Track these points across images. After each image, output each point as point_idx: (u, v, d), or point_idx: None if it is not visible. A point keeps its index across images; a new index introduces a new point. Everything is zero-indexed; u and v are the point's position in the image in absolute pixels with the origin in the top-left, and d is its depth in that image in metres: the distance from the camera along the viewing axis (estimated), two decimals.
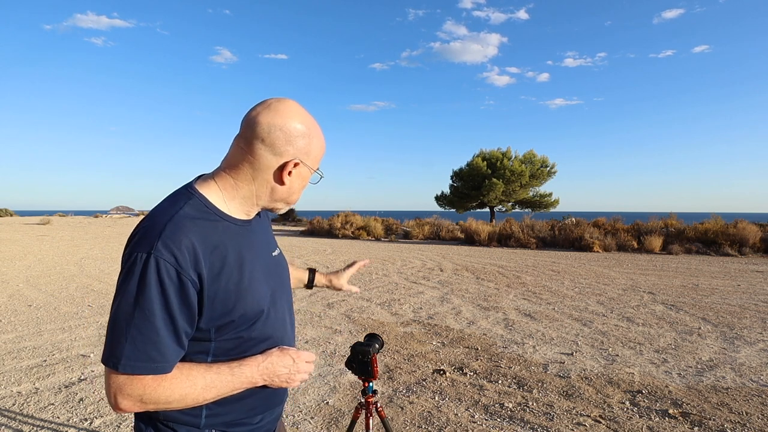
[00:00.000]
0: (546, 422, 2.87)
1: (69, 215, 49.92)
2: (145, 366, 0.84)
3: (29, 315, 5.58)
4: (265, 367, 0.97)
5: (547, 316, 5.71)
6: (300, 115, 0.98)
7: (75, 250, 13.56)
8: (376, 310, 5.98)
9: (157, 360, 0.84)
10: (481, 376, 3.67)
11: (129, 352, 0.83)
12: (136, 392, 0.85)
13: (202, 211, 0.93)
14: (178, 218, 0.89)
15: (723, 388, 3.42)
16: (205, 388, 0.90)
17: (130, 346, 0.83)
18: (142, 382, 0.85)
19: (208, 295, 0.89)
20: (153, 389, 0.85)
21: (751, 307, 6.10)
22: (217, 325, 0.92)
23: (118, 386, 0.84)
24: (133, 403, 0.85)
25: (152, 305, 0.83)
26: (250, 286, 0.96)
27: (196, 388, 0.89)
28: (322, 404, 3.13)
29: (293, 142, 0.96)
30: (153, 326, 0.83)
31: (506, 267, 10.55)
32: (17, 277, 8.52)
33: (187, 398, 0.89)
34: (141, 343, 0.83)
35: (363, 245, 16.76)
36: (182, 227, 0.87)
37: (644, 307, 6.18)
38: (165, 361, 0.85)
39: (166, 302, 0.84)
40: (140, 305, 0.82)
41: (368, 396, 1.62)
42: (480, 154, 28.49)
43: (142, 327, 0.83)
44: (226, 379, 0.92)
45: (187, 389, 0.88)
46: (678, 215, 16.33)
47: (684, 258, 12.28)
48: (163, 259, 0.83)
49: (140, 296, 0.82)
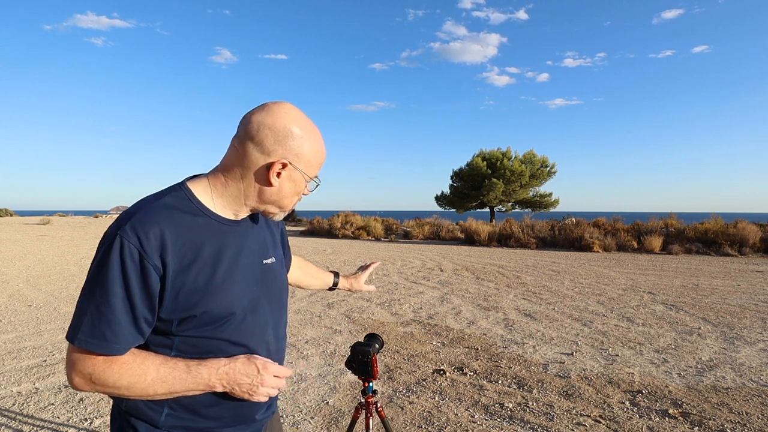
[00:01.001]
0: (546, 422, 2.88)
1: (69, 215, 49.92)
2: (97, 344, 0.84)
3: (29, 315, 5.58)
4: (225, 372, 0.92)
5: (547, 316, 5.71)
6: (295, 118, 0.97)
7: (75, 250, 13.56)
8: (376, 310, 5.98)
9: (110, 339, 0.85)
10: (481, 376, 3.67)
11: (86, 328, 0.84)
12: (87, 370, 0.86)
13: (185, 204, 0.93)
14: (155, 206, 0.90)
15: (723, 388, 3.42)
16: (156, 381, 0.88)
17: (87, 322, 0.84)
18: (93, 360, 0.86)
19: (173, 285, 0.88)
20: (102, 370, 0.86)
21: (751, 307, 6.10)
22: (179, 318, 0.91)
23: (72, 361, 0.87)
24: (83, 381, 0.87)
25: (112, 284, 0.84)
26: (222, 286, 0.94)
27: (146, 379, 0.88)
28: (322, 404, 3.13)
29: (282, 142, 0.95)
30: (109, 305, 0.84)
31: (506, 267, 10.55)
32: (17, 277, 8.52)
33: (135, 386, 0.87)
34: (97, 320, 0.84)
35: (363, 245, 16.76)
36: (155, 215, 0.88)
37: (644, 307, 6.18)
38: (117, 343, 0.85)
39: (125, 283, 0.84)
40: (101, 282, 0.84)
41: (368, 396, 1.62)
42: (480, 154, 28.49)
43: (100, 305, 0.84)
44: (181, 376, 0.90)
45: (137, 377, 0.87)
46: (678, 215, 16.33)
47: (684, 258, 12.28)
48: (128, 241, 0.84)
49: (101, 274, 0.84)
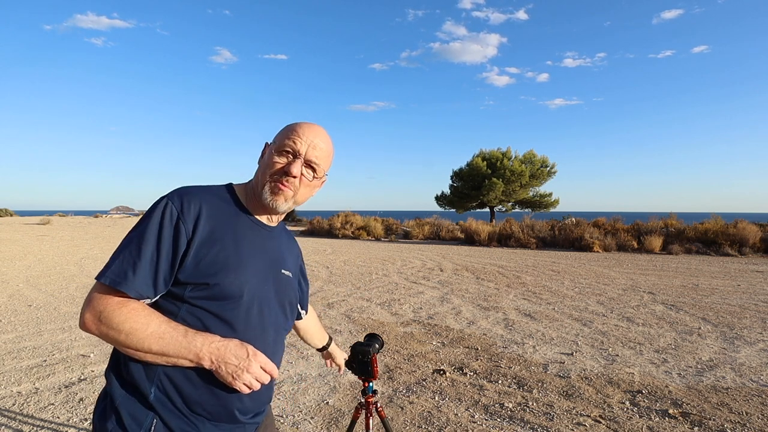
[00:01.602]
0: (546, 422, 2.88)
1: (69, 215, 49.92)
2: (116, 281, 0.93)
3: (29, 315, 5.58)
4: (217, 348, 0.96)
5: (547, 316, 5.71)
6: (300, 123, 1.14)
7: (75, 250, 13.56)
8: (376, 310, 5.98)
9: (129, 279, 0.94)
10: (481, 376, 3.67)
11: (114, 268, 0.95)
12: (99, 307, 0.93)
13: (225, 196, 1.10)
14: (202, 188, 1.07)
15: (723, 388, 3.42)
16: (154, 335, 0.93)
17: (117, 263, 0.95)
18: (108, 300, 0.94)
19: (196, 253, 0.98)
20: (112, 309, 0.92)
21: (751, 307, 6.10)
22: (194, 283, 0.98)
23: (90, 299, 0.95)
24: (93, 318, 0.93)
25: (148, 234, 0.97)
26: (239, 267, 1.02)
27: (146, 329, 0.93)
28: (322, 404, 3.13)
29: (277, 136, 1.14)
30: (140, 251, 0.95)
31: (506, 267, 10.55)
32: (17, 277, 8.52)
33: (134, 334, 0.92)
34: (126, 261, 0.95)
35: (363, 245, 16.76)
36: (199, 194, 1.04)
37: (644, 307, 6.18)
38: (134, 283, 0.94)
39: (159, 236, 0.97)
40: (139, 232, 0.97)
41: (368, 396, 1.62)
42: (480, 154, 28.49)
43: (132, 248, 0.96)
44: (177, 338, 0.94)
45: (139, 325, 0.93)
46: (678, 215, 16.33)
47: (684, 258, 12.27)
48: (172, 203, 1.00)
49: (142, 225, 0.98)
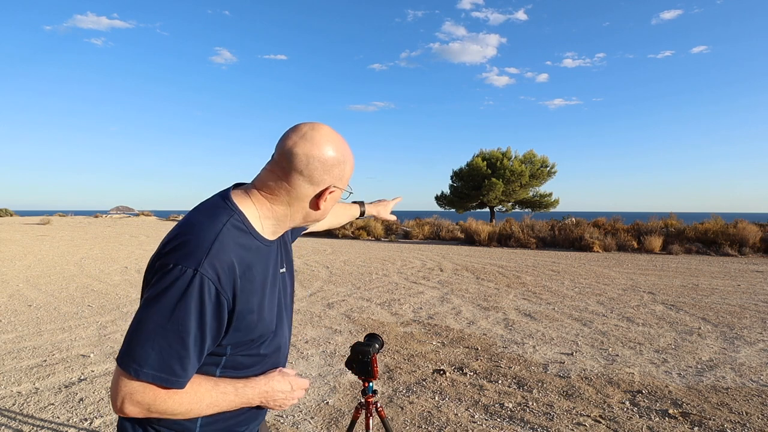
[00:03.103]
0: (546, 422, 2.88)
1: (69, 215, 49.90)
2: (165, 378, 0.84)
3: (29, 315, 5.58)
4: (265, 391, 1.00)
5: (547, 316, 5.71)
6: (334, 142, 0.99)
7: (75, 250, 13.56)
8: (376, 310, 5.98)
9: (179, 375, 0.85)
10: (481, 376, 3.67)
11: (153, 362, 0.82)
12: (147, 400, 0.84)
13: (242, 229, 0.94)
14: (223, 236, 0.89)
15: (723, 388, 3.42)
16: (210, 406, 0.93)
17: (156, 356, 0.82)
18: (156, 392, 0.85)
19: (237, 315, 0.90)
20: (163, 400, 0.86)
21: (751, 307, 6.10)
22: (235, 343, 0.95)
23: (130, 392, 0.84)
24: (140, 410, 0.86)
25: (188, 322, 0.83)
26: (268, 308, 1.00)
27: (201, 405, 0.91)
28: (322, 404, 3.13)
29: (330, 171, 0.98)
30: (183, 342, 0.83)
31: (506, 267, 10.55)
32: (17, 277, 8.52)
33: (191, 412, 0.91)
34: (168, 355, 0.83)
35: (363, 245, 16.76)
36: (227, 246, 0.88)
37: (644, 307, 6.18)
38: (185, 377, 0.86)
39: (201, 320, 0.84)
40: (176, 319, 0.83)
41: (368, 396, 1.62)
42: (480, 154, 28.49)
43: (172, 340, 0.83)
44: (230, 399, 0.95)
45: (193, 405, 0.90)
46: (678, 215, 16.32)
47: (684, 258, 12.28)
48: (208, 278, 0.84)
49: (178, 310, 0.83)
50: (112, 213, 58.12)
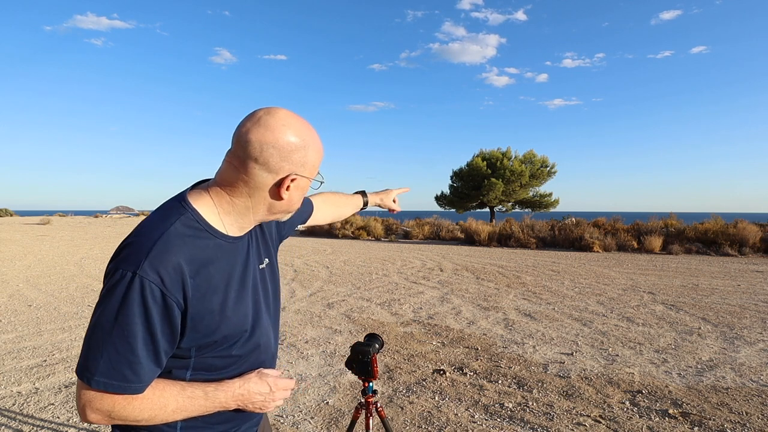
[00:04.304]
0: (546, 422, 2.87)
1: (69, 215, 49.90)
2: (117, 385, 0.82)
3: (29, 315, 5.58)
4: (240, 394, 0.96)
5: (547, 316, 5.71)
6: (292, 126, 0.92)
7: (75, 250, 13.56)
8: (376, 310, 5.98)
9: (130, 380, 0.83)
10: (481, 376, 3.67)
11: (103, 369, 0.81)
12: (105, 408, 0.83)
13: (194, 227, 0.89)
14: (168, 236, 0.85)
15: (723, 388, 3.42)
16: (176, 411, 0.89)
17: (105, 363, 0.81)
18: (113, 399, 0.83)
19: (192, 316, 0.87)
20: (122, 407, 0.84)
21: (751, 307, 6.10)
22: (198, 345, 0.91)
23: (88, 400, 0.83)
24: (101, 417, 0.85)
25: (133, 326, 0.80)
26: (235, 307, 0.94)
27: (166, 410, 0.88)
28: (322, 404, 3.13)
29: (288, 157, 0.91)
30: (131, 347, 0.81)
31: (506, 267, 10.55)
32: (17, 277, 8.52)
33: (155, 418, 0.88)
34: (116, 362, 0.81)
35: (363, 245, 16.75)
36: (171, 246, 0.84)
37: (644, 307, 6.18)
38: (139, 382, 0.84)
39: (148, 324, 0.81)
40: (120, 324, 0.80)
41: (368, 396, 1.62)
42: (480, 154, 28.49)
43: (119, 346, 0.81)
44: (199, 403, 0.91)
45: (157, 410, 0.87)
46: (678, 215, 16.31)
47: (684, 258, 12.27)
48: (149, 280, 0.80)
49: (121, 315, 0.80)
50: (112, 213, 58.16)
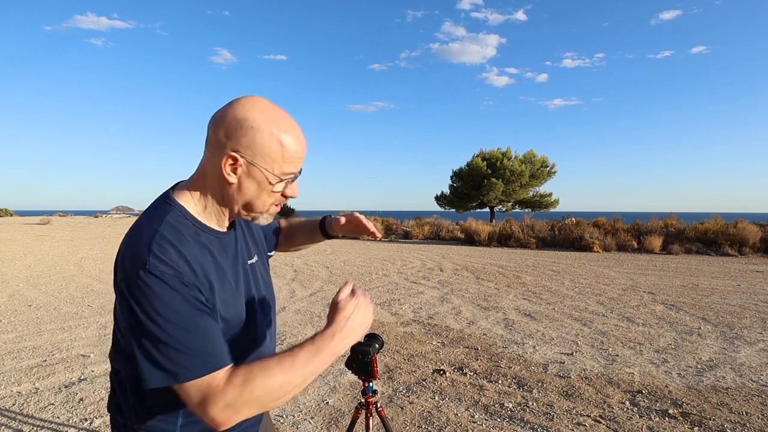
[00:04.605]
0: (546, 422, 2.87)
1: (69, 215, 49.88)
2: (204, 364, 0.80)
3: (29, 315, 5.58)
4: (346, 335, 0.89)
5: (547, 316, 5.71)
6: (251, 108, 0.86)
7: (75, 250, 13.56)
8: (376, 310, 5.98)
9: (215, 353, 0.81)
10: (481, 376, 3.67)
11: (184, 361, 0.79)
12: (228, 396, 0.79)
13: (182, 223, 0.88)
14: (161, 232, 0.84)
15: (723, 388, 3.42)
16: (308, 374, 0.84)
17: (181, 359, 0.79)
18: (215, 382, 0.80)
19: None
20: (239, 389, 0.80)
21: (751, 307, 6.10)
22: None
23: (204, 399, 0.79)
24: (232, 410, 0.79)
25: (175, 311, 0.79)
26: (231, 299, 0.94)
27: (293, 374, 0.83)
28: (322, 404, 3.13)
29: (232, 134, 0.85)
30: (187, 329, 0.80)
31: (506, 267, 10.55)
32: (17, 277, 8.52)
33: (285, 385, 0.82)
34: (185, 348, 0.79)
35: (363, 245, 16.75)
36: (167, 242, 0.83)
37: (644, 307, 6.18)
38: (217, 352, 0.82)
39: (185, 301, 0.81)
40: (163, 317, 0.78)
41: (368, 396, 1.62)
42: (480, 154, 28.48)
43: (177, 335, 0.79)
44: (321, 361, 0.85)
45: (280, 378, 0.82)
46: (678, 215, 16.30)
47: (684, 258, 12.27)
48: (161, 271, 0.80)
49: (156, 310, 0.78)
50: (112, 213, 58.14)
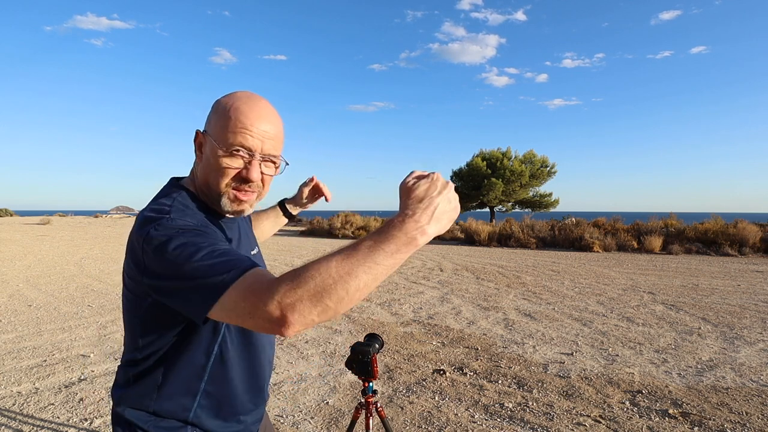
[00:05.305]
0: (546, 422, 2.87)
1: (69, 215, 49.89)
2: (241, 262, 0.75)
3: (29, 315, 5.58)
4: (419, 218, 0.72)
5: (547, 316, 5.71)
6: (229, 95, 0.94)
7: (75, 250, 13.55)
8: (376, 310, 5.98)
9: (245, 258, 0.77)
10: (481, 376, 3.67)
11: (223, 266, 0.74)
12: (282, 288, 0.67)
13: (190, 205, 0.95)
14: (177, 206, 0.90)
15: (723, 388, 3.42)
16: (369, 266, 0.68)
17: (217, 263, 0.74)
18: (258, 281, 0.71)
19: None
20: (291, 279, 0.68)
21: (751, 307, 6.10)
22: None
23: (251, 305, 0.69)
24: (275, 307, 0.67)
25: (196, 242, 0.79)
26: None
27: (354, 266, 0.68)
28: (322, 404, 3.13)
29: (211, 116, 0.95)
30: (216, 243, 0.80)
31: (506, 267, 10.55)
32: (17, 277, 8.52)
33: (343, 280, 0.67)
34: (217, 256, 0.76)
35: None
36: (183, 215, 0.88)
37: (644, 307, 6.18)
38: (247, 259, 0.77)
39: (202, 236, 0.82)
40: (189, 248, 0.77)
41: (368, 396, 1.62)
42: (480, 154, 28.51)
43: (209, 242, 0.79)
44: (390, 249, 0.69)
45: (338, 270, 0.67)
46: (678, 215, 16.30)
47: (684, 258, 12.27)
48: (182, 221, 0.85)
49: (184, 244, 0.78)
50: (112, 213, 58.12)
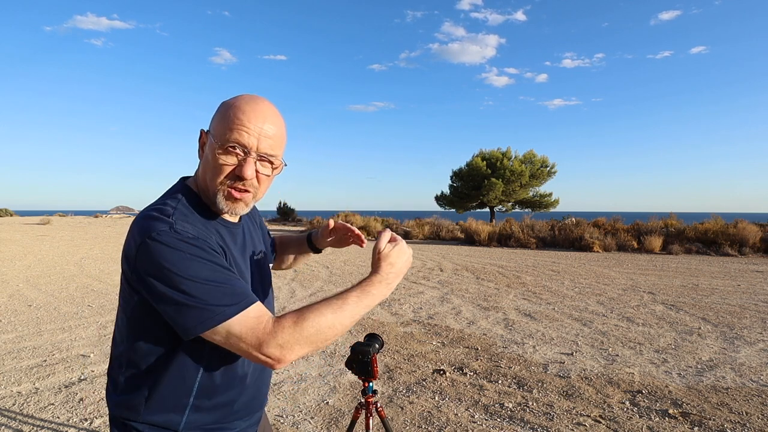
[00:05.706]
0: (546, 422, 2.87)
1: (69, 215, 49.87)
2: (242, 298, 0.84)
3: (29, 315, 5.58)
4: (390, 280, 0.95)
5: (547, 316, 5.71)
6: (239, 100, 0.95)
7: (75, 250, 13.55)
8: (376, 310, 5.98)
9: (245, 292, 0.86)
10: (481, 376, 3.67)
11: (228, 295, 0.83)
12: (284, 333, 0.82)
13: (193, 210, 0.95)
14: (179, 210, 0.91)
15: (723, 388, 3.42)
16: (353, 314, 0.89)
17: (216, 294, 0.82)
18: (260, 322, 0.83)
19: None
20: (291, 327, 0.83)
21: (751, 307, 6.10)
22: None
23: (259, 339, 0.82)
24: (275, 348, 0.82)
25: (203, 259, 0.84)
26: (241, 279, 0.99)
27: (340, 318, 0.87)
28: (322, 404, 3.13)
29: (214, 117, 0.97)
30: (216, 272, 0.85)
31: (506, 267, 10.55)
32: (17, 277, 8.52)
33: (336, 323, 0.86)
34: (219, 287, 0.83)
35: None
36: (185, 218, 0.90)
37: (644, 307, 6.18)
38: (248, 292, 0.87)
39: (206, 254, 0.85)
40: (195, 262, 0.83)
41: (368, 396, 1.62)
42: (480, 154, 28.50)
43: (210, 276, 0.83)
44: (369, 303, 0.91)
45: (327, 318, 0.86)
46: (678, 215, 16.30)
47: (684, 258, 12.27)
48: (182, 229, 0.86)
49: (188, 259, 0.82)
50: (112, 213, 58.11)
